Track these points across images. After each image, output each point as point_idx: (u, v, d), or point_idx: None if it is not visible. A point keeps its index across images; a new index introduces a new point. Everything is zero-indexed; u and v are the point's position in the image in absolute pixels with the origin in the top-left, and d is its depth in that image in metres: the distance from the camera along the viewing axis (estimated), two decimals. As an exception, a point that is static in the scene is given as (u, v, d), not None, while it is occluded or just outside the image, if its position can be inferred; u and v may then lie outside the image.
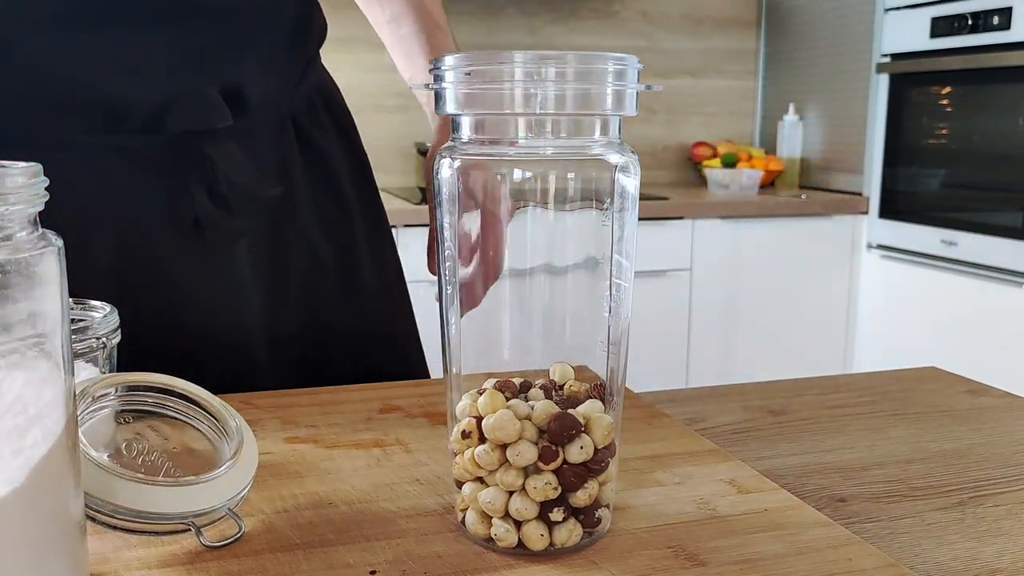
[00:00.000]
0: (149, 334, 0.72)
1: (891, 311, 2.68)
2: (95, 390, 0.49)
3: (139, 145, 0.70)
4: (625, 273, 0.47)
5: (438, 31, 0.85)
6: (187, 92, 0.69)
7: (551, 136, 0.45)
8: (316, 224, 0.81)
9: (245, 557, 0.45)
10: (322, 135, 0.83)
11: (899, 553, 0.49)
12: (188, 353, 0.74)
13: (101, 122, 0.69)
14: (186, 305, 0.74)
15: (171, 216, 0.72)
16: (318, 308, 0.81)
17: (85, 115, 0.69)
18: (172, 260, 0.73)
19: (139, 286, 0.72)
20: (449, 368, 0.49)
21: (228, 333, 0.75)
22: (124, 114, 0.69)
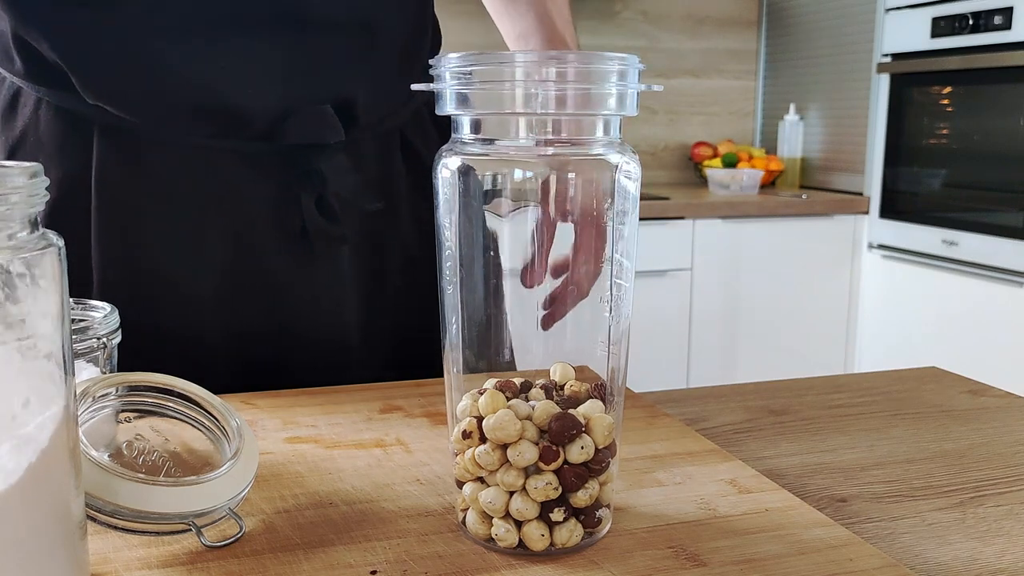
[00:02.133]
0: (252, 333, 0.74)
1: (892, 311, 2.68)
2: (95, 390, 0.49)
3: (256, 152, 0.72)
4: (625, 273, 0.47)
5: None
6: (304, 106, 0.71)
7: (552, 136, 0.45)
8: (415, 232, 0.82)
9: (245, 557, 0.45)
10: (424, 144, 0.83)
11: (900, 553, 0.49)
12: (287, 354, 0.76)
13: (222, 128, 0.71)
14: (288, 308, 0.75)
15: (280, 222, 0.74)
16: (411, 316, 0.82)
17: (208, 120, 0.71)
18: (278, 264, 0.75)
19: (246, 287, 0.74)
20: (449, 368, 0.49)
21: (326, 336, 0.77)
22: (244, 122, 0.71)
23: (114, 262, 0.71)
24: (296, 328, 0.76)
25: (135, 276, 0.71)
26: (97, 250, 0.71)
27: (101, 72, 0.69)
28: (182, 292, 0.73)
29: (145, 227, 0.72)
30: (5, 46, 0.71)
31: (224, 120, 0.71)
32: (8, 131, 0.73)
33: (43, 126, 0.72)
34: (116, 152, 0.70)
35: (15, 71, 0.72)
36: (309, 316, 0.76)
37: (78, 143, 0.71)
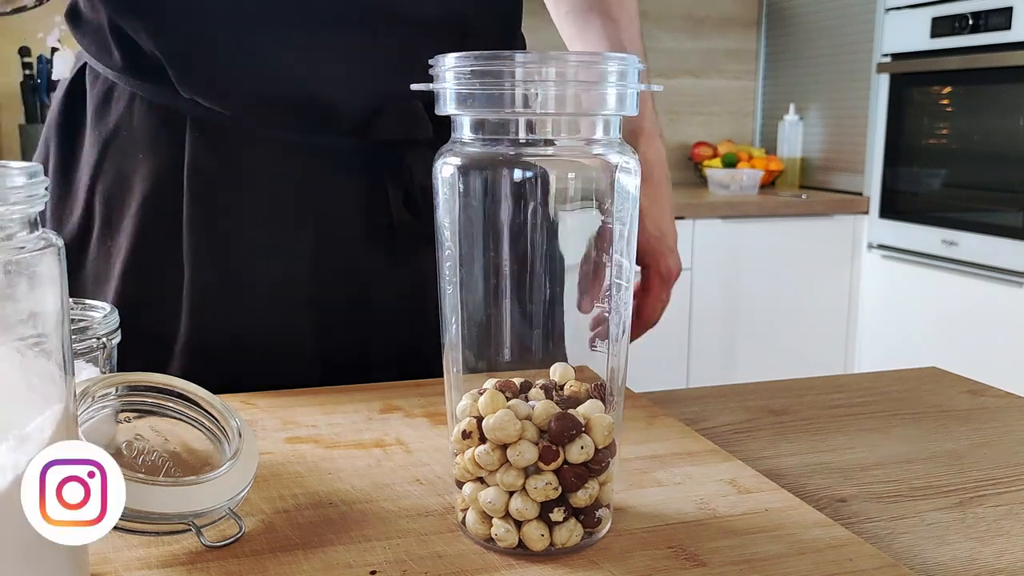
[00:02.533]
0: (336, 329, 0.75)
1: (892, 311, 2.68)
2: (95, 390, 0.49)
3: (346, 147, 0.73)
4: (625, 273, 0.47)
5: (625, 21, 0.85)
6: (394, 103, 0.71)
7: (551, 136, 0.45)
8: None
9: (245, 557, 0.45)
10: None
11: (899, 553, 0.49)
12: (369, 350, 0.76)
13: (313, 124, 0.72)
14: (372, 304, 0.76)
15: (367, 218, 0.74)
16: None
17: (300, 116, 0.71)
18: (364, 260, 0.75)
19: (331, 283, 0.74)
20: (449, 368, 0.49)
21: (409, 333, 0.77)
22: (336, 118, 0.71)
23: (204, 255, 0.72)
24: (379, 325, 0.76)
25: (224, 268, 0.72)
26: (188, 243, 0.72)
27: (197, 65, 0.69)
28: (268, 286, 0.73)
29: (235, 220, 0.72)
30: (103, 40, 0.72)
31: (316, 116, 0.71)
32: (102, 126, 0.74)
33: (136, 120, 0.73)
34: (208, 146, 0.71)
35: (112, 64, 0.73)
36: (392, 313, 0.76)
37: (170, 137, 0.72)
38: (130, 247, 0.72)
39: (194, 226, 0.71)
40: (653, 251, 0.86)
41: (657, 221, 0.86)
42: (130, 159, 0.73)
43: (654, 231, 0.86)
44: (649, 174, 0.85)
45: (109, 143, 0.74)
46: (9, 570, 0.36)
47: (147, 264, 0.72)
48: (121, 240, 0.73)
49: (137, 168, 0.72)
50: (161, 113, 0.72)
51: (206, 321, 0.72)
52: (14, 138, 2.56)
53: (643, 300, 0.88)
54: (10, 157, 2.49)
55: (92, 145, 0.75)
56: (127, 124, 0.73)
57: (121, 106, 0.74)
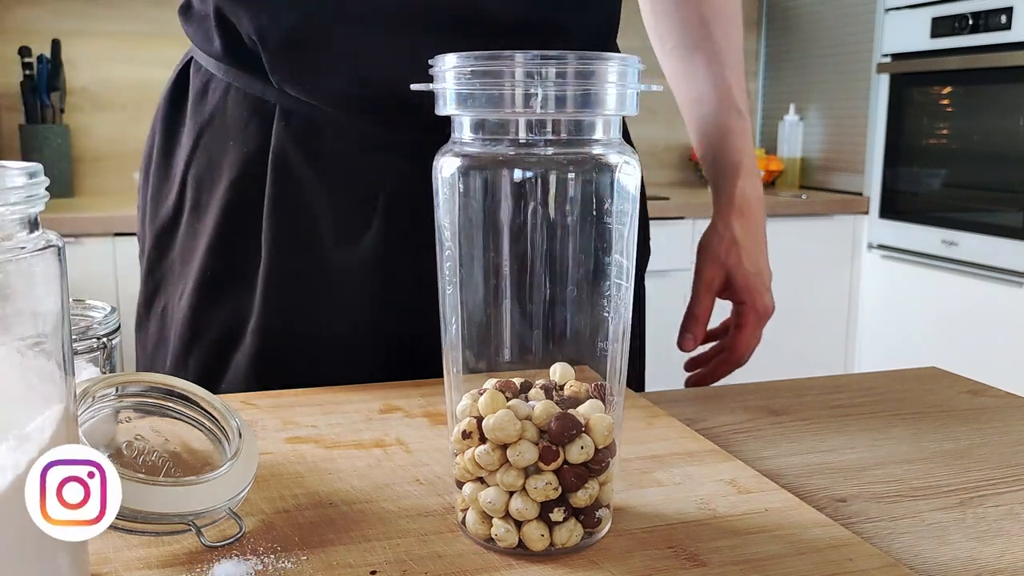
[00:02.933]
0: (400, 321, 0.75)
1: (892, 311, 2.68)
2: (95, 390, 0.49)
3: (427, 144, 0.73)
4: (625, 273, 0.47)
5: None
6: None
7: (552, 136, 0.45)
8: None
9: (245, 557, 0.45)
10: None
11: (899, 553, 0.49)
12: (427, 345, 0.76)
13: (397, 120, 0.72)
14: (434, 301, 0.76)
15: None
16: None
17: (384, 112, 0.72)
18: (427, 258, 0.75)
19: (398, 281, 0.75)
20: (449, 368, 0.49)
21: None
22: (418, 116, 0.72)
23: (281, 239, 0.74)
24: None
25: (299, 254, 0.74)
26: (267, 226, 0.74)
27: (290, 54, 0.71)
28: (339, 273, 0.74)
29: (313, 208, 0.74)
30: (207, 29, 0.75)
31: (400, 113, 0.71)
32: (198, 115, 0.78)
33: (230, 109, 0.76)
34: (293, 135, 0.73)
35: (212, 52, 0.76)
36: None
37: (260, 126, 0.74)
38: (214, 228, 0.75)
39: (274, 211, 0.74)
40: (751, 288, 0.87)
41: (754, 258, 0.87)
42: (221, 146, 0.76)
43: (751, 268, 0.87)
44: (748, 210, 0.87)
45: (203, 130, 0.77)
46: (9, 569, 0.36)
47: (229, 245, 0.75)
48: (207, 221, 0.76)
49: (227, 154, 0.76)
50: (252, 102, 0.75)
51: (278, 303, 0.74)
52: (14, 138, 2.56)
53: (737, 337, 0.89)
54: (10, 157, 2.49)
55: (189, 133, 0.78)
56: (221, 113, 0.76)
57: (217, 96, 0.77)
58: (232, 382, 0.75)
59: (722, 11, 0.87)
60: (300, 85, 0.72)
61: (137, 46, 2.64)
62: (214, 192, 0.76)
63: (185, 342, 0.77)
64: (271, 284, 0.74)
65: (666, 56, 0.90)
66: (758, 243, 0.87)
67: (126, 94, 2.66)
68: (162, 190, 0.81)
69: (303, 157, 0.73)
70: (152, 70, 2.65)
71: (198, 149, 0.78)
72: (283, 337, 0.74)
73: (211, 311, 0.75)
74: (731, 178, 0.87)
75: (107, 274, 2.19)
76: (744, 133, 0.87)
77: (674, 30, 0.89)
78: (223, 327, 0.75)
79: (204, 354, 0.76)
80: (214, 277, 0.75)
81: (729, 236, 0.87)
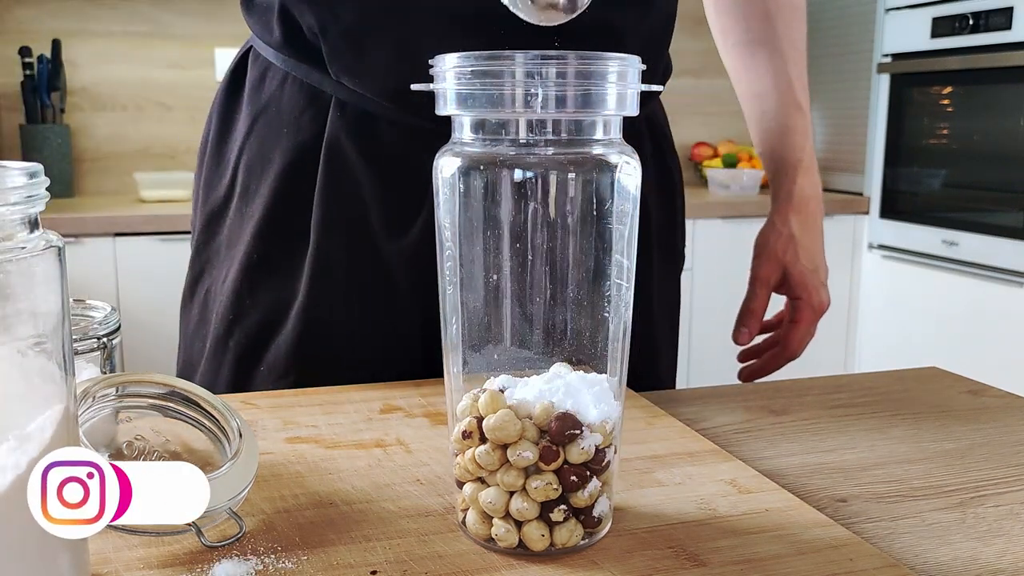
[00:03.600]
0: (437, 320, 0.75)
1: (892, 311, 2.68)
2: (96, 390, 0.49)
3: None
4: (625, 273, 0.47)
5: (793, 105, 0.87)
6: None
7: (552, 136, 0.45)
8: None
9: (245, 557, 0.45)
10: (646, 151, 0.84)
11: (900, 553, 0.49)
12: None
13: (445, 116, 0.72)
14: None
15: None
16: None
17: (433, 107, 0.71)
18: None
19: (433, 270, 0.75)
20: (449, 368, 0.49)
21: None
22: None
23: (330, 225, 0.75)
24: None
25: (347, 241, 0.75)
26: (317, 212, 0.75)
27: (349, 45, 0.72)
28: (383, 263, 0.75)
29: (363, 198, 0.75)
30: (268, 20, 0.76)
31: None
32: (255, 103, 0.79)
33: (286, 98, 0.77)
34: (347, 126, 0.74)
35: (272, 42, 0.77)
36: None
37: (314, 115, 0.76)
38: (263, 213, 0.76)
39: (325, 198, 0.75)
40: (807, 284, 0.87)
41: (811, 254, 0.87)
42: (275, 133, 0.77)
43: (808, 264, 0.87)
44: (806, 207, 0.87)
45: (258, 118, 0.78)
46: (10, 569, 0.36)
47: (277, 230, 0.76)
48: (256, 206, 0.77)
49: (280, 142, 0.77)
50: (309, 92, 0.76)
51: (324, 290, 0.75)
52: (14, 138, 2.56)
53: (791, 332, 0.89)
54: (10, 157, 2.49)
55: (244, 120, 0.80)
56: (277, 101, 0.77)
57: (274, 85, 0.78)
58: (272, 365, 0.76)
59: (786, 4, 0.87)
60: (356, 77, 0.73)
61: (137, 46, 2.64)
62: (264, 178, 0.77)
63: (227, 324, 0.77)
64: (317, 270, 0.75)
65: (727, 51, 0.90)
66: (815, 239, 0.88)
67: (126, 94, 2.66)
68: (215, 175, 0.82)
69: (356, 147, 0.74)
70: (152, 70, 2.65)
71: (252, 136, 0.79)
72: (326, 323, 0.75)
73: (255, 294, 0.76)
74: (790, 175, 0.87)
75: (107, 274, 2.19)
76: (804, 130, 0.87)
77: (737, 25, 0.89)
78: (266, 310, 0.76)
79: (245, 336, 0.77)
80: (260, 261, 0.76)
81: (787, 232, 0.88)
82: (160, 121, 2.69)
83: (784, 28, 0.87)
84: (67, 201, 2.48)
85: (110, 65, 2.64)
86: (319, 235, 0.75)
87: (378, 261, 0.75)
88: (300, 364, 0.75)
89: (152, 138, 2.68)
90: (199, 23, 2.65)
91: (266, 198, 0.76)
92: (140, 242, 2.21)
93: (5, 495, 0.35)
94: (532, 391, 0.45)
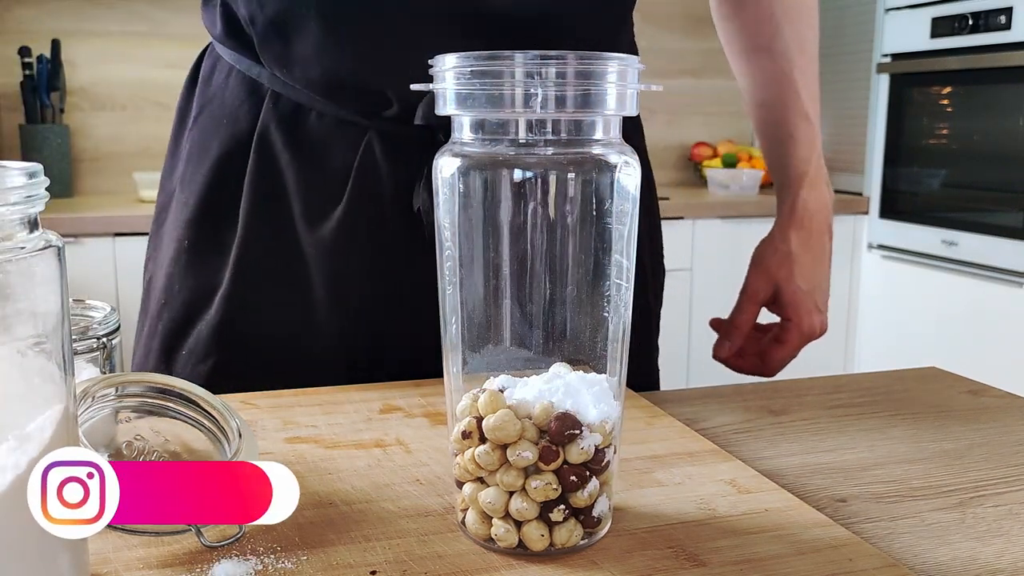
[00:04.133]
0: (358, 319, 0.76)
1: (892, 311, 2.67)
2: (95, 390, 0.49)
3: (395, 133, 0.74)
4: (625, 273, 0.47)
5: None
6: None
7: (551, 136, 0.45)
8: None
9: (245, 557, 0.45)
10: None
11: (899, 553, 0.49)
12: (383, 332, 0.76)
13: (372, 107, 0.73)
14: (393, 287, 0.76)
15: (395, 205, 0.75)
16: None
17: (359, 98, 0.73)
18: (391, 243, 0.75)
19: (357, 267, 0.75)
20: (449, 368, 0.49)
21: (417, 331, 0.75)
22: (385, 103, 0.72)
23: (256, 214, 0.75)
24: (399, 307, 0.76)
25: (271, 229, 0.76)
26: (245, 201, 0.75)
27: (276, 34, 0.72)
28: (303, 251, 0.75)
29: (287, 188, 0.75)
30: (213, 14, 0.78)
31: (367, 98, 0.72)
32: (203, 95, 0.81)
33: (229, 91, 0.78)
34: (279, 117, 0.75)
35: (217, 35, 0.79)
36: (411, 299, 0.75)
37: (252, 107, 0.76)
38: (196, 201, 0.77)
39: (253, 187, 0.75)
40: (798, 305, 0.84)
41: (808, 274, 0.83)
42: (215, 124, 0.78)
43: (803, 284, 0.83)
44: (808, 223, 0.83)
45: (203, 110, 0.80)
46: (10, 569, 0.36)
47: (208, 218, 0.77)
48: (190, 194, 0.78)
49: (219, 133, 0.78)
50: (249, 85, 0.77)
51: (248, 276, 0.75)
52: (14, 138, 2.56)
53: (773, 350, 0.86)
54: (10, 157, 2.49)
55: (194, 113, 0.81)
56: (221, 93, 0.79)
57: (221, 78, 0.79)
58: (193, 348, 0.76)
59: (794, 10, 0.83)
60: (285, 67, 0.73)
61: (137, 46, 2.64)
62: (200, 168, 0.78)
63: (159, 308, 0.78)
64: (243, 257, 0.75)
65: (734, 59, 0.88)
66: (817, 259, 0.83)
67: (126, 94, 2.66)
68: (170, 167, 0.83)
69: (283, 138, 0.75)
70: (152, 70, 2.65)
71: (196, 128, 0.80)
72: (247, 310, 0.75)
73: (184, 279, 0.77)
74: (794, 188, 0.84)
75: (107, 274, 2.19)
76: (811, 142, 0.83)
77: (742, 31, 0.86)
78: (192, 295, 0.77)
79: (171, 319, 0.77)
80: (190, 247, 0.77)
81: (784, 249, 0.84)
82: (159, 121, 2.69)
83: (792, 32, 0.83)
84: (66, 201, 2.48)
85: (109, 65, 2.64)
86: (245, 223, 0.76)
87: (298, 251, 0.75)
88: (220, 349, 0.75)
89: (151, 138, 2.68)
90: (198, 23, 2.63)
91: (200, 186, 0.77)
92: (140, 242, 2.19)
93: (5, 495, 0.35)
94: (532, 391, 0.45)
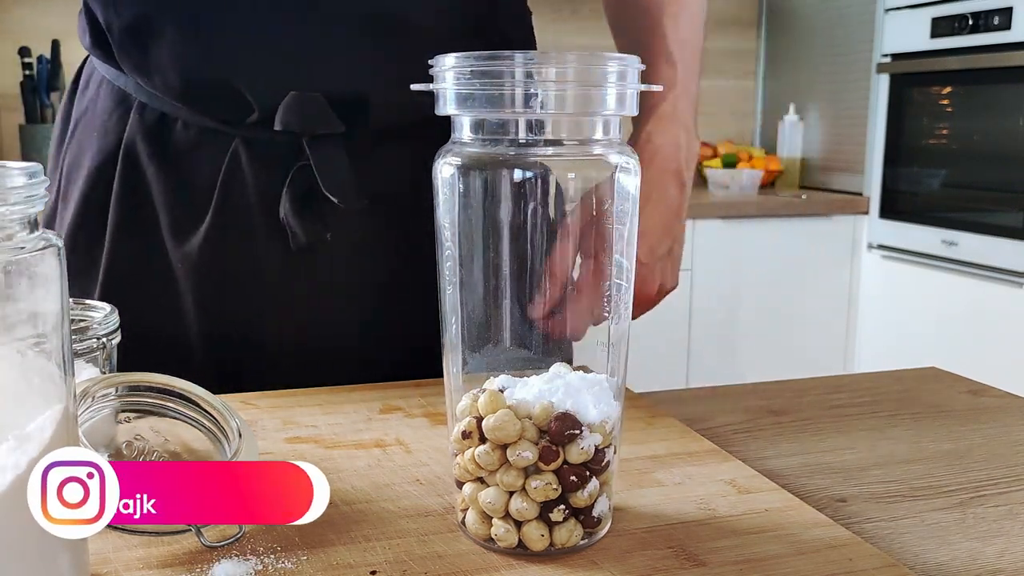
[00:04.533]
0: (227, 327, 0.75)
1: (892, 311, 2.67)
2: (95, 390, 0.49)
3: (257, 139, 0.73)
4: (625, 273, 0.47)
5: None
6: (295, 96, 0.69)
7: (551, 136, 0.45)
8: None
9: (245, 557, 0.45)
10: None
11: (899, 553, 0.49)
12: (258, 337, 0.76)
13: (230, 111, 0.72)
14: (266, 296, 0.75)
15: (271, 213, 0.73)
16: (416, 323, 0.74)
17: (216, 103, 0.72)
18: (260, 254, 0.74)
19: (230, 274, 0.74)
20: (449, 368, 0.49)
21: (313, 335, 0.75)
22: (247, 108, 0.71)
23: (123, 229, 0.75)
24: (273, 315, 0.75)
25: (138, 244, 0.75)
26: (112, 216, 0.75)
27: (135, 41, 0.71)
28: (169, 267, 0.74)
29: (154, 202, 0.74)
30: (82, 21, 0.76)
31: (229, 105, 0.71)
32: (78, 107, 0.80)
33: (100, 102, 0.77)
34: (144, 128, 0.74)
35: (85, 43, 0.77)
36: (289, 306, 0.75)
37: (120, 118, 0.75)
38: (72, 218, 0.77)
39: (119, 201, 0.75)
40: None
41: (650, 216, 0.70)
42: (88, 137, 0.77)
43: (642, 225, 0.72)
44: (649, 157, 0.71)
45: (78, 122, 0.79)
46: (10, 569, 0.36)
47: (82, 234, 0.76)
48: (68, 211, 0.77)
49: (91, 146, 0.77)
50: (118, 95, 0.76)
51: (114, 293, 0.73)
52: (14, 138, 2.56)
53: None
54: (10, 157, 2.49)
55: (72, 124, 0.80)
56: (93, 104, 0.78)
57: (92, 88, 0.79)
58: None
59: None
60: (145, 75, 0.72)
61: (137, 46, 2.64)
62: (75, 183, 0.77)
63: None
64: (111, 274, 0.75)
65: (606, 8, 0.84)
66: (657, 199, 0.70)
67: (126, 94, 2.66)
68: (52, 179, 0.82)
69: (149, 150, 0.74)
70: (152, 70, 2.64)
71: (72, 141, 0.79)
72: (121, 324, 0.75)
73: None
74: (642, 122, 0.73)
75: (107, 274, 2.18)
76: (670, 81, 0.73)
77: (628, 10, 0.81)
78: None
79: None
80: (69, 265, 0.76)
81: None
82: (160, 121, 2.69)
83: None
84: (67, 201, 2.47)
85: (110, 65, 2.64)
86: (112, 239, 0.75)
87: (166, 267, 0.74)
88: None
89: (152, 138, 2.68)
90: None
91: (76, 203, 0.76)
92: (140, 242, 2.20)
93: (5, 495, 0.35)
94: (532, 391, 0.45)
